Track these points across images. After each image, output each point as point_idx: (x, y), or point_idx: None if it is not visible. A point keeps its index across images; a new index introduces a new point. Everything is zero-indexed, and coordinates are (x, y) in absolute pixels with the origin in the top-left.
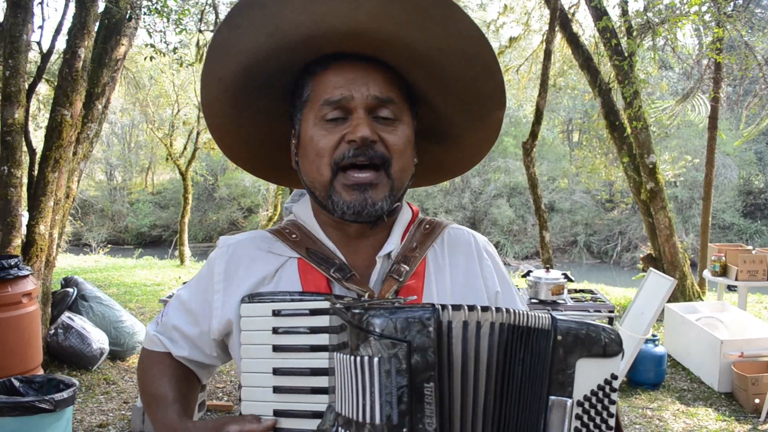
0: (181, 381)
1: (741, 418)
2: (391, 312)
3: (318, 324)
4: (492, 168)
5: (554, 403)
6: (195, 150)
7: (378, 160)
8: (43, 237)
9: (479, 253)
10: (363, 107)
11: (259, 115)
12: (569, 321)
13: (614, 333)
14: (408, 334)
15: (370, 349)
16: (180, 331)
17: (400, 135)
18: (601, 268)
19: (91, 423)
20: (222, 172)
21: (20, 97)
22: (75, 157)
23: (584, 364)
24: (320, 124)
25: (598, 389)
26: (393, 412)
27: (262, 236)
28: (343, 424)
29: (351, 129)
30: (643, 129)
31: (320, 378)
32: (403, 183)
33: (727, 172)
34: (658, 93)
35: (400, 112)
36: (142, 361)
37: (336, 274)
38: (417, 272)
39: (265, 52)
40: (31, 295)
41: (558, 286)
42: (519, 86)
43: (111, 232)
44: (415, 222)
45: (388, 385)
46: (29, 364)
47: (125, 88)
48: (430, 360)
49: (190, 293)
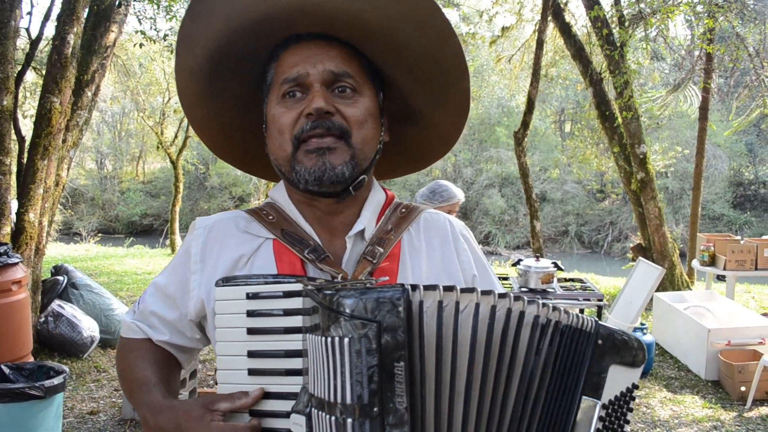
0: (162, 364)
1: (727, 406)
2: (362, 293)
3: (292, 306)
4: (484, 158)
5: (584, 403)
6: (186, 138)
7: (336, 131)
8: (32, 225)
9: (455, 237)
10: (319, 82)
11: (236, 105)
12: (609, 327)
13: (642, 344)
14: (378, 314)
15: (341, 329)
16: (158, 316)
17: (360, 107)
18: (592, 257)
19: (82, 410)
20: (213, 161)
21: (8, 83)
22: (64, 145)
23: (615, 370)
24: (281, 102)
25: (621, 396)
26: (364, 391)
27: (239, 216)
28: (316, 404)
29: (308, 103)
30: (633, 119)
31: (294, 360)
32: (366, 153)
33: (717, 163)
34: (650, 84)
35: (360, 85)
36: (121, 349)
37: (310, 255)
38: (392, 254)
39: (225, 38)
40: (21, 283)
41: (548, 274)
42: (511, 76)
43: (102, 221)
44: (391, 206)
45: (359, 365)
46: (19, 352)
47: (115, 76)
48: (400, 339)
49: (167, 278)
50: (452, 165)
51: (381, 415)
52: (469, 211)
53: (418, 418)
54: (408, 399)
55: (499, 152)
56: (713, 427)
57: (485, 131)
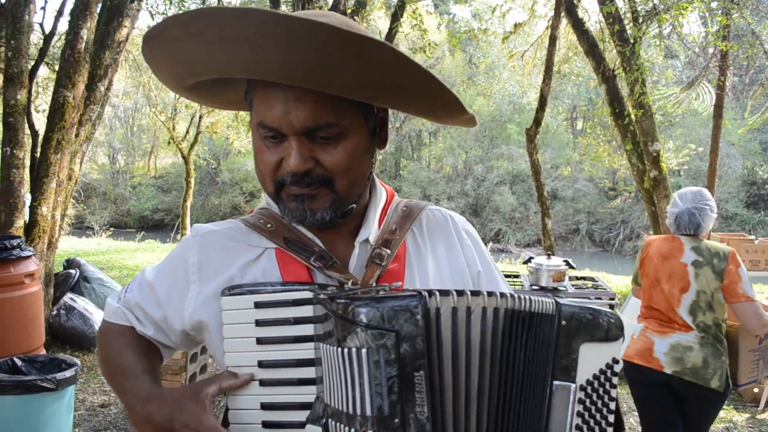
0: (147, 355)
1: (740, 407)
2: (377, 301)
3: (302, 314)
4: (495, 155)
5: (558, 388)
6: (197, 134)
7: (318, 183)
8: (45, 218)
9: (458, 233)
10: (295, 137)
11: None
12: (572, 305)
13: (615, 317)
14: (396, 324)
15: (358, 340)
16: (143, 310)
17: (343, 153)
18: (603, 256)
19: (93, 403)
20: (224, 157)
21: (23, 78)
22: (77, 139)
23: (587, 348)
24: (262, 139)
25: (600, 373)
26: (384, 402)
27: (236, 227)
28: (332, 415)
29: (286, 156)
30: (647, 117)
31: (307, 369)
32: (353, 193)
33: (731, 162)
34: (663, 81)
35: (343, 127)
36: (104, 333)
37: (317, 263)
38: (398, 255)
39: (191, 78)
40: (34, 276)
41: (559, 272)
42: (523, 72)
43: (113, 215)
44: (392, 204)
45: (378, 375)
46: (32, 344)
47: (127, 71)
48: (419, 348)
49: (157, 277)
50: (463, 162)
51: (402, 426)
52: (480, 209)
53: (439, 427)
54: (429, 408)
55: (510, 149)
56: (726, 428)
57: (496, 128)
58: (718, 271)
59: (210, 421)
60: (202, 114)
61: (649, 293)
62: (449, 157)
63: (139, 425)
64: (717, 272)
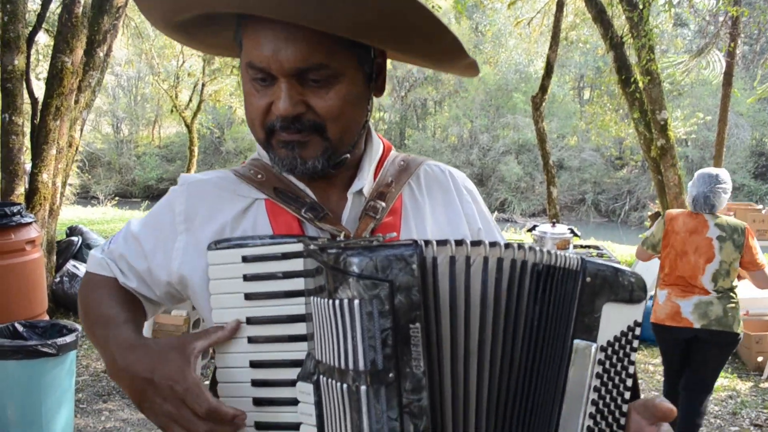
0: (131, 306)
1: (743, 376)
2: (370, 250)
3: (292, 268)
4: (501, 124)
5: (578, 347)
6: (200, 102)
7: (309, 129)
8: (46, 185)
9: (458, 189)
10: (284, 78)
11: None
12: (598, 263)
13: (638, 277)
14: (390, 273)
15: (350, 291)
16: (127, 262)
17: (335, 97)
18: (609, 226)
19: (96, 368)
20: (228, 126)
21: (20, 43)
22: (77, 106)
23: (610, 308)
24: (251, 82)
25: (621, 335)
26: (377, 356)
27: (226, 177)
28: (324, 371)
29: (275, 99)
30: (655, 84)
31: (298, 325)
32: (346, 141)
33: (739, 132)
34: (672, 50)
35: (336, 69)
36: (86, 284)
37: (308, 214)
38: (393, 209)
39: (178, 14)
40: (35, 243)
41: (564, 240)
42: (530, 40)
43: (118, 184)
44: (388, 158)
45: (371, 328)
46: (34, 311)
47: (129, 39)
48: (414, 299)
49: (143, 228)
50: (468, 131)
51: (397, 380)
52: (485, 178)
53: (435, 382)
54: (426, 362)
55: (516, 119)
56: (729, 396)
57: (502, 97)
58: (738, 245)
59: (192, 377)
60: (205, 82)
61: (675, 263)
62: (454, 127)
63: (116, 376)
64: (737, 246)
